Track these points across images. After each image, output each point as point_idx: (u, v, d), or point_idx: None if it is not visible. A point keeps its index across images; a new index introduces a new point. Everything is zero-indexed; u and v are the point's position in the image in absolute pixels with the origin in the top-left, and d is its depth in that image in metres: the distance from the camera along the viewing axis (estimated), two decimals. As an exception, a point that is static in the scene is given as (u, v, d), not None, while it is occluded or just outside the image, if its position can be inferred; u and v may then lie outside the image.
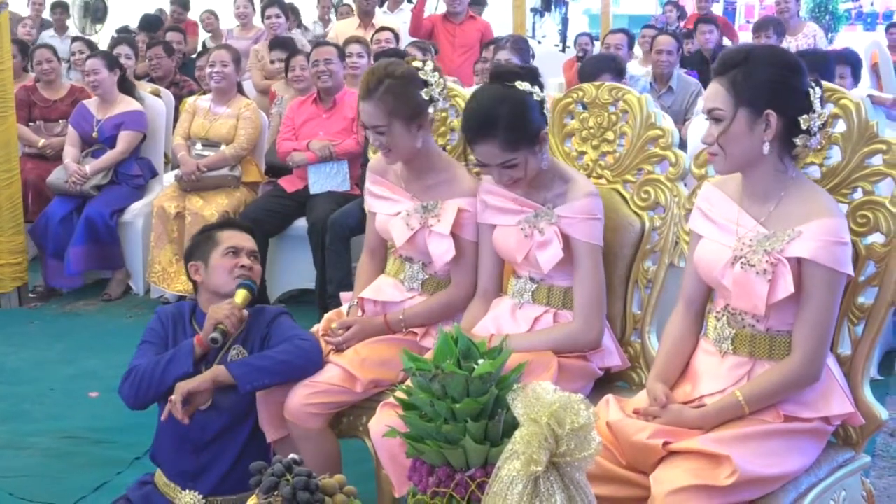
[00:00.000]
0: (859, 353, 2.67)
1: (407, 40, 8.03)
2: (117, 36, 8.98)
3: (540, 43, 13.46)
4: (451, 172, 3.25)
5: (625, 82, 5.22)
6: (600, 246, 2.97)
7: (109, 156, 6.38)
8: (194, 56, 9.47)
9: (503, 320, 3.02)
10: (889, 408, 4.31)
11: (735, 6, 23.21)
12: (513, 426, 1.82)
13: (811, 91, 2.47)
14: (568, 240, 2.94)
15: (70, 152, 6.43)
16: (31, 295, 6.39)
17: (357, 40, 6.76)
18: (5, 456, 4.11)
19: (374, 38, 7.48)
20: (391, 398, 2.69)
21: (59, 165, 6.44)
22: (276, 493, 1.93)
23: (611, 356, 3.04)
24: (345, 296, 3.52)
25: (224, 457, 3.13)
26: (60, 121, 6.93)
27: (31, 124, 6.95)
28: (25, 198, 6.43)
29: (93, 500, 3.75)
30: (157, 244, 6.17)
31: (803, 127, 2.46)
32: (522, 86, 2.91)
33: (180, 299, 5.78)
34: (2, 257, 6.16)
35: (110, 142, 6.41)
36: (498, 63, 5.23)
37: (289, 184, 6.07)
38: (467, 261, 3.19)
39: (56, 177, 6.37)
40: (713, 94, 2.51)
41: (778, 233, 2.48)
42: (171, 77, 7.95)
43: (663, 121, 3.11)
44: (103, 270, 6.58)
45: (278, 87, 7.26)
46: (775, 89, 2.45)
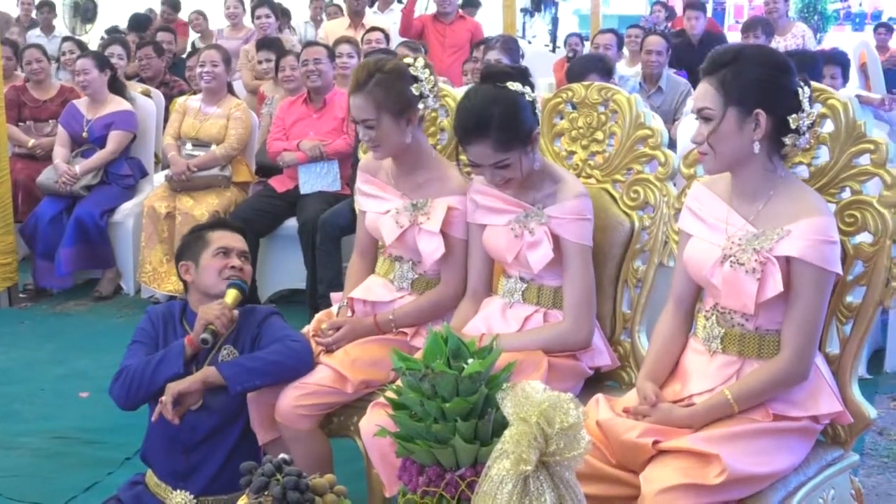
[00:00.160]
0: (847, 351, 2.68)
1: (397, 40, 8.04)
2: (109, 36, 8.96)
3: (530, 43, 13.50)
4: (442, 171, 3.25)
5: (614, 82, 5.23)
6: (590, 246, 2.97)
7: (99, 156, 6.36)
8: (184, 56, 9.45)
9: (493, 320, 3.02)
10: (877, 406, 4.34)
11: (724, 6, 23.24)
12: (502, 425, 1.82)
13: (800, 91, 2.48)
14: (558, 240, 2.94)
15: (60, 152, 6.41)
16: (21, 295, 6.37)
17: (347, 40, 6.76)
18: (-5, 456, 4.11)
19: (364, 39, 7.48)
20: (382, 398, 2.69)
21: (49, 165, 6.42)
22: (266, 492, 1.93)
23: (601, 355, 3.05)
24: (335, 296, 3.52)
25: (214, 457, 3.13)
26: (50, 121, 6.92)
27: (20, 124, 6.93)
28: (15, 198, 6.41)
29: (83, 501, 3.74)
30: (148, 244, 6.16)
31: (792, 126, 2.46)
32: (514, 86, 2.91)
33: (171, 299, 5.77)
34: (-8, 258, 6.16)
35: (100, 142, 6.39)
36: (489, 63, 5.23)
37: (279, 184, 6.07)
38: (456, 259, 3.19)
39: (46, 177, 6.36)
40: (702, 93, 2.51)
41: (767, 232, 2.49)
42: (161, 77, 7.93)
43: (652, 121, 3.12)
44: (94, 270, 6.56)
45: (267, 87, 7.25)
46: (765, 89, 2.45)
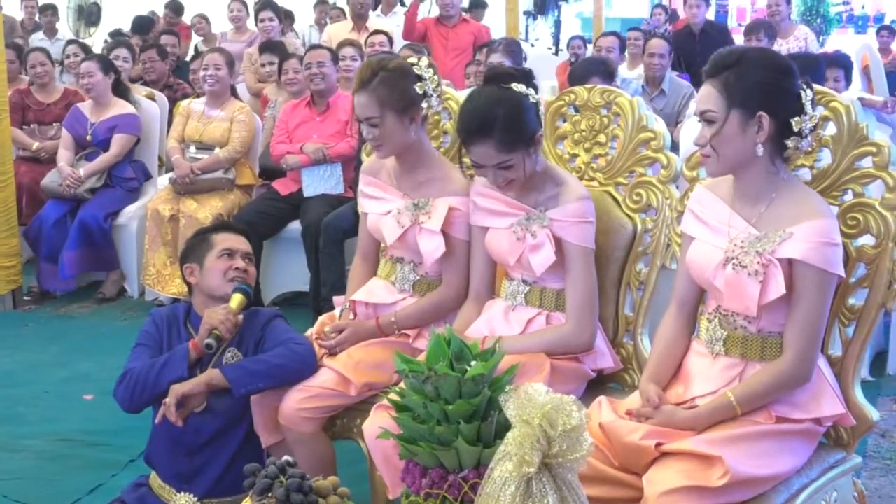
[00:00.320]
0: (850, 354, 2.68)
1: (400, 43, 8.04)
2: (113, 39, 8.97)
3: (533, 46, 13.49)
4: (444, 171, 3.26)
5: (616, 85, 5.24)
6: (592, 249, 2.97)
7: (103, 159, 6.37)
8: (188, 59, 9.47)
9: (496, 322, 3.03)
10: (880, 409, 4.35)
11: (727, 9, 23.22)
12: (505, 427, 1.82)
13: (802, 93, 2.48)
14: (560, 243, 2.94)
15: (64, 155, 6.42)
16: (25, 297, 6.38)
17: (350, 43, 6.77)
18: (-1, 458, 4.12)
19: (367, 42, 7.48)
20: (385, 400, 2.70)
21: (53, 168, 6.42)
22: (269, 494, 1.93)
23: (603, 358, 3.05)
24: (337, 300, 3.52)
25: (218, 459, 3.13)
26: (54, 124, 6.93)
27: (24, 128, 6.95)
28: (19, 201, 6.43)
29: (87, 503, 3.75)
30: (152, 247, 6.17)
31: (795, 129, 2.46)
32: (518, 88, 2.92)
33: (175, 302, 5.78)
34: (-4, 260, 6.17)
35: (104, 145, 6.39)
36: (493, 65, 5.23)
37: (283, 186, 6.08)
38: (458, 260, 3.20)
39: (50, 180, 6.37)
40: (705, 95, 2.52)
41: (769, 234, 2.49)
42: (165, 80, 7.95)
43: (655, 123, 3.12)
44: (98, 272, 6.57)
45: (270, 90, 7.26)
46: (767, 91, 2.45)
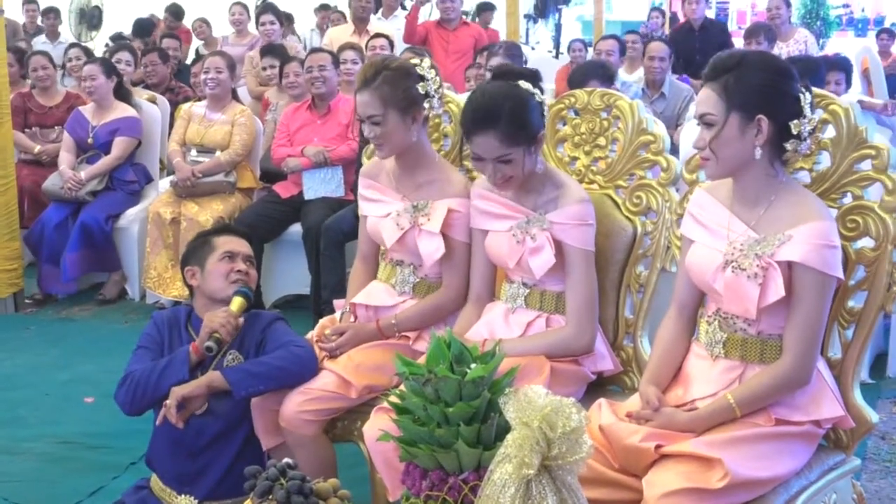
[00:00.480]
0: (849, 356, 2.68)
1: (401, 47, 8.05)
2: (115, 43, 8.97)
3: (533, 49, 13.51)
4: (444, 173, 3.27)
5: (616, 88, 5.25)
6: (592, 251, 2.98)
7: (104, 162, 6.37)
8: (189, 63, 9.48)
9: (496, 325, 3.03)
10: (880, 411, 4.35)
11: (727, 12, 23.24)
12: (505, 430, 1.82)
13: (802, 96, 2.48)
14: (560, 245, 2.95)
15: (65, 158, 6.42)
16: (26, 300, 6.38)
17: (351, 47, 6.78)
18: (0, 461, 4.11)
19: (368, 45, 7.49)
20: (385, 402, 2.70)
21: (55, 172, 6.42)
22: (270, 497, 1.93)
23: (603, 360, 3.05)
24: (337, 303, 3.53)
25: (219, 462, 3.14)
26: (56, 127, 6.94)
27: (26, 131, 6.95)
28: (21, 204, 6.43)
29: (88, 505, 3.76)
30: (153, 250, 6.17)
31: (794, 132, 2.46)
32: (525, 86, 2.94)
33: (176, 304, 5.77)
34: (-2, 263, 6.17)
35: (105, 148, 6.39)
36: (503, 63, 5.25)
37: (283, 189, 6.08)
38: (457, 262, 3.20)
39: (52, 183, 6.37)
40: (705, 98, 2.52)
41: (768, 237, 2.49)
42: (167, 83, 7.96)
43: (655, 126, 3.13)
44: (99, 273, 6.57)
45: (272, 93, 7.27)
46: (767, 94, 2.46)
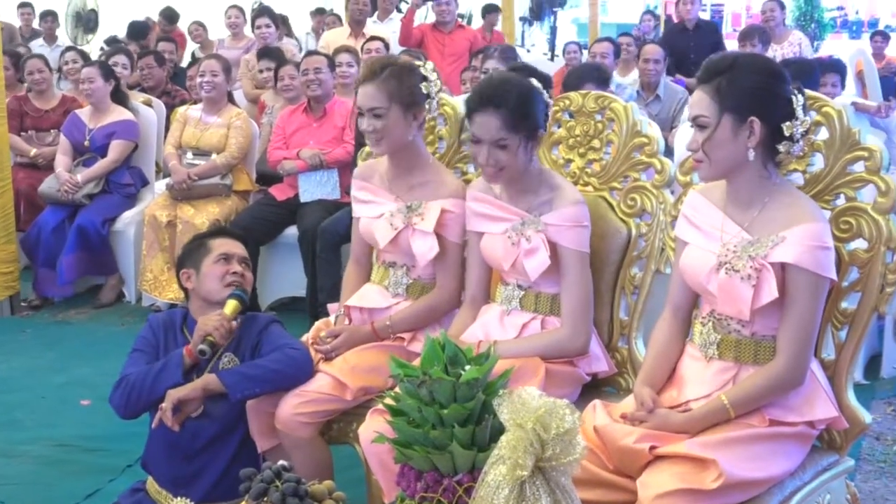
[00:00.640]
0: (843, 357, 2.69)
1: (397, 49, 8.06)
2: (113, 46, 8.98)
3: (529, 52, 13.53)
4: (437, 175, 3.28)
5: (611, 91, 5.26)
6: (587, 253, 2.99)
7: (101, 165, 6.38)
8: (185, 66, 9.48)
9: (491, 327, 3.04)
10: (874, 412, 4.35)
11: (722, 14, 23.27)
12: (499, 431, 1.82)
13: (794, 98, 2.49)
14: (555, 247, 2.96)
15: (62, 161, 6.43)
16: (23, 303, 6.38)
17: (347, 49, 6.78)
18: (-3, 464, 4.12)
19: (363, 48, 7.50)
20: (380, 405, 2.71)
21: (51, 174, 6.43)
22: (265, 499, 1.94)
23: (598, 362, 3.06)
24: (332, 307, 3.54)
25: (215, 464, 3.14)
26: (52, 130, 6.93)
27: (22, 134, 6.94)
28: (17, 207, 6.42)
29: (84, 508, 3.76)
30: (149, 252, 6.17)
31: (786, 134, 2.48)
32: (537, 84, 2.98)
33: (172, 307, 5.78)
34: (-6, 266, 6.17)
35: (102, 151, 6.40)
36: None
37: (279, 192, 6.09)
38: (451, 262, 3.22)
39: (48, 186, 6.38)
40: (698, 101, 2.53)
41: (762, 238, 2.50)
42: (163, 87, 7.96)
43: (649, 128, 3.14)
44: (96, 276, 6.57)
45: (267, 96, 7.27)
46: (759, 96, 2.47)
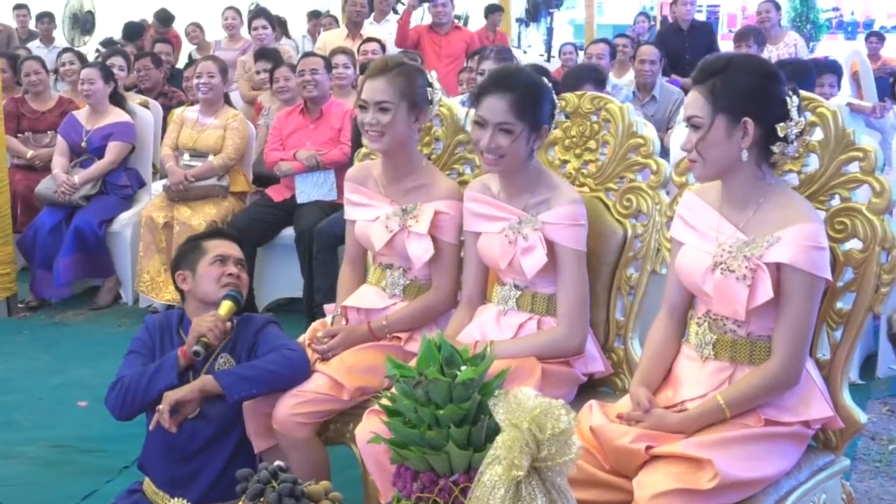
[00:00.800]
0: (838, 357, 2.70)
1: (393, 51, 8.06)
2: (110, 48, 8.96)
3: (525, 53, 13.54)
4: (432, 178, 3.29)
5: (607, 92, 5.27)
6: (584, 252, 2.99)
7: (98, 166, 6.38)
8: (182, 67, 9.48)
9: (488, 327, 3.04)
10: (869, 411, 4.36)
11: (718, 15, 23.27)
12: (495, 432, 1.83)
13: (789, 100, 2.49)
14: (552, 246, 2.96)
15: (59, 162, 6.43)
16: (20, 305, 6.38)
17: (343, 51, 6.79)
18: (-6, 465, 4.12)
19: (360, 49, 7.51)
20: (377, 405, 2.71)
21: (48, 176, 6.43)
22: (261, 499, 1.94)
23: (594, 362, 3.07)
24: (328, 307, 3.54)
25: (212, 465, 3.14)
26: (49, 132, 6.92)
27: (19, 136, 6.93)
28: (14, 208, 6.42)
29: (81, 509, 3.76)
30: (146, 254, 6.17)
31: (780, 135, 2.48)
32: (547, 82, 3.01)
33: (169, 308, 5.78)
34: (-9, 268, 6.17)
35: (99, 152, 6.40)
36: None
37: (276, 193, 6.09)
38: (446, 263, 3.22)
39: (45, 187, 6.37)
40: (692, 101, 2.54)
41: (757, 239, 2.51)
42: (160, 88, 7.96)
43: (644, 129, 3.15)
44: (93, 279, 6.57)
45: (265, 97, 7.27)
46: (753, 97, 2.48)
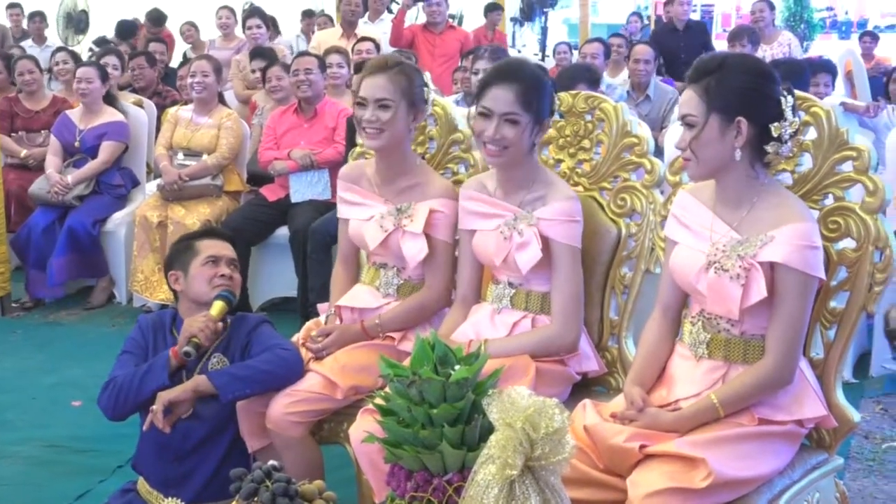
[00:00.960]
0: (831, 356, 2.70)
1: (387, 50, 8.07)
2: (104, 48, 8.96)
3: (519, 52, 13.52)
4: (425, 176, 3.29)
5: (601, 91, 5.27)
6: (579, 248, 2.99)
7: (91, 166, 6.36)
8: (176, 66, 9.47)
9: (482, 326, 3.04)
10: (863, 410, 4.37)
11: (712, 15, 23.27)
12: (489, 431, 1.83)
13: (783, 99, 2.50)
14: (547, 242, 2.96)
15: (52, 162, 6.41)
16: (13, 304, 6.37)
17: (337, 50, 6.79)
18: (-13, 465, 4.11)
19: (354, 48, 7.51)
20: (371, 404, 2.71)
21: (42, 175, 6.42)
22: (255, 499, 1.94)
23: (588, 361, 3.07)
24: (322, 307, 3.54)
25: (206, 465, 3.14)
26: (42, 131, 6.90)
27: (12, 135, 6.92)
28: (8, 208, 6.41)
29: (75, 509, 3.76)
30: (140, 253, 6.17)
31: (774, 134, 2.49)
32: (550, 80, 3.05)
33: (163, 308, 5.77)
34: (-16, 268, 6.15)
35: (92, 152, 6.38)
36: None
37: (270, 193, 6.09)
38: (440, 261, 3.23)
39: (38, 187, 6.36)
40: (686, 100, 2.55)
41: (751, 238, 2.52)
42: (154, 87, 7.95)
43: (639, 128, 3.15)
44: (87, 278, 6.56)
45: (259, 97, 7.27)
46: (747, 97, 2.48)
